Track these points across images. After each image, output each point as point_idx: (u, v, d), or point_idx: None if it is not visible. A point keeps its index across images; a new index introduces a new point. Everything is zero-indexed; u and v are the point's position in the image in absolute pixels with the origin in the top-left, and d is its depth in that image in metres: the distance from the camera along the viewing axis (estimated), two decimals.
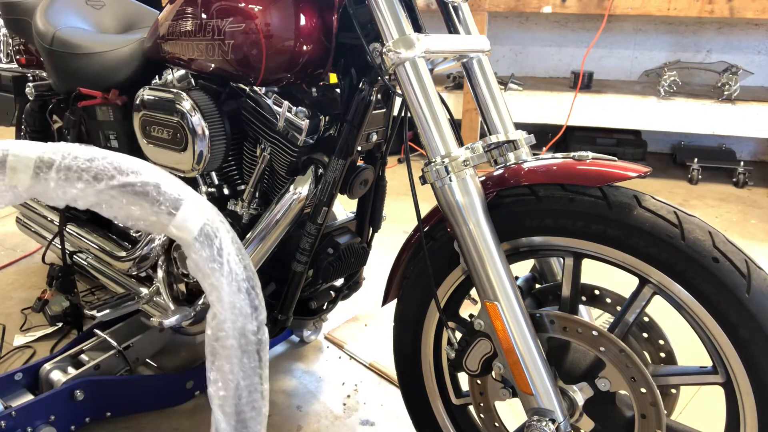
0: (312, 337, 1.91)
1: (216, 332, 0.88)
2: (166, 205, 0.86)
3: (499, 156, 1.15)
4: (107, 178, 0.84)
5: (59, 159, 0.83)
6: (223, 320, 0.87)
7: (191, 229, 0.87)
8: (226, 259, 0.87)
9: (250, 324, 0.89)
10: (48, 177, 0.83)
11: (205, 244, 0.87)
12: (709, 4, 3.23)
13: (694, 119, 3.46)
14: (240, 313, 0.88)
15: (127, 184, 0.85)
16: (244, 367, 0.89)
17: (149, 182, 0.86)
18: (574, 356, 1.05)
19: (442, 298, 1.17)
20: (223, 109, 1.34)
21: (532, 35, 4.32)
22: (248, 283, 0.89)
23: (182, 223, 0.87)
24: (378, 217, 1.51)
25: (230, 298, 0.87)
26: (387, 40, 1.05)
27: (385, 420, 1.56)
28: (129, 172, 0.85)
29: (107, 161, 0.85)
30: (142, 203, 0.85)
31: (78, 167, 0.83)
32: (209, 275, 0.87)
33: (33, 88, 1.86)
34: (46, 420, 1.39)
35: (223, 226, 0.90)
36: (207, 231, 0.87)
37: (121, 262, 1.65)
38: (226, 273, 0.87)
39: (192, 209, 0.88)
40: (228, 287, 0.87)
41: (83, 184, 0.83)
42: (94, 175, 0.83)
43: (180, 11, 1.31)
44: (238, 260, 0.89)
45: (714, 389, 0.97)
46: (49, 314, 1.90)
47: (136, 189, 0.85)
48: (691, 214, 0.94)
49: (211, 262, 0.87)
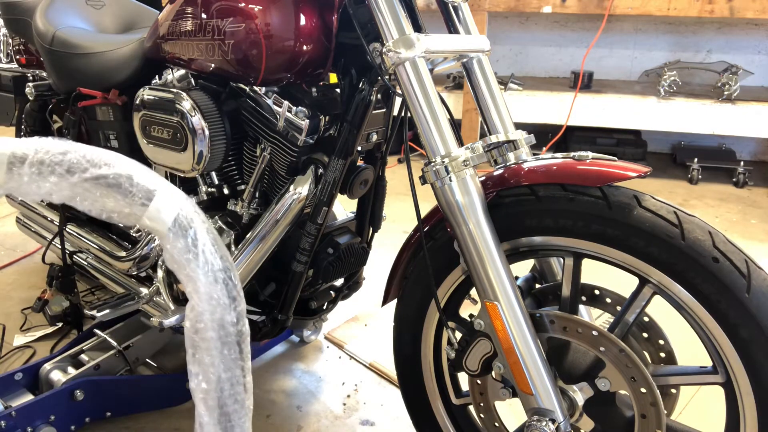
0: (312, 337, 1.91)
1: (195, 324, 0.87)
2: (139, 197, 0.85)
3: (499, 156, 1.15)
4: (80, 171, 0.83)
5: (32, 153, 0.82)
6: (201, 312, 0.86)
7: (164, 220, 0.86)
8: (201, 249, 0.86)
9: (229, 315, 0.88)
10: (21, 172, 0.82)
11: (179, 234, 0.86)
12: (709, 4, 3.23)
13: (694, 119, 3.46)
14: (218, 304, 0.87)
15: (100, 176, 0.84)
16: (225, 360, 0.87)
17: (121, 174, 0.85)
18: (574, 356, 1.05)
19: (442, 298, 1.17)
20: (223, 109, 1.34)
21: (532, 35, 4.32)
22: (225, 274, 0.88)
23: (155, 214, 0.86)
24: (378, 217, 1.51)
25: (206, 288, 0.86)
26: (387, 40, 1.05)
27: (385, 420, 1.56)
28: (102, 164, 0.84)
29: (80, 154, 0.84)
30: (115, 195, 0.85)
31: (51, 161, 0.82)
32: (185, 266, 0.86)
33: (33, 88, 1.86)
34: (46, 420, 1.39)
35: (197, 216, 0.89)
36: (181, 221, 0.86)
37: (121, 262, 1.65)
38: (202, 263, 0.86)
39: (165, 200, 0.86)
40: (204, 278, 0.86)
41: (56, 177, 0.82)
42: (67, 169, 0.82)
43: (180, 11, 1.31)
44: (213, 250, 0.87)
45: (714, 389, 0.97)
46: (49, 314, 1.90)
47: (109, 181, 0.84)
48: (691, 214, 0.94)
49: (185, 253, 0.86)
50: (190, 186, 1.53)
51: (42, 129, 1.92)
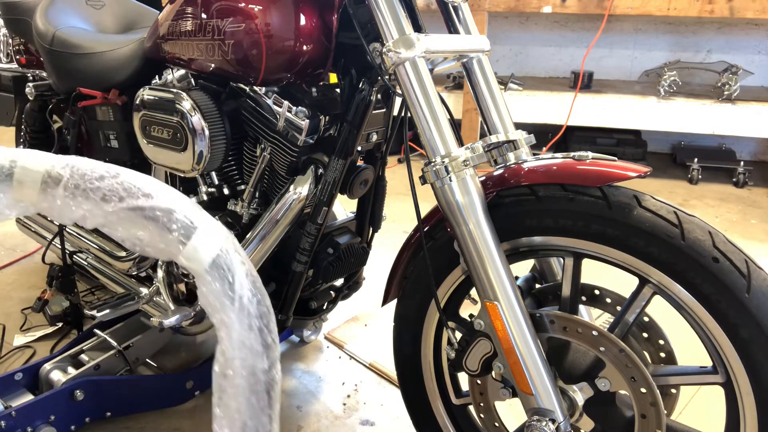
0: (312, 337, 1.91)
1: (224, 369, 0.84)
2: (178, 233, 0.81)
3: (499, 156, 1.15)
4: (116, 200, 0.80)
5: (67, 175, 0.80)
6: (232, 358, 0.83)
7: (202, 260, 0.82)
8: (238, 294, 0.83)
9: (261, 363, 0.85)
10: (55, 194, 0.79)
11: (216, 276, 0.82)
12: (709, 4, 3.23)
13: (694, 119, 3.46)
14: (250, 351, 0.84)
15: (137, 207, 0.80)
16: (252, 407, 0.84)
17: (161, 207, 0.82)
18: (574, 356, 1.05)
19: (442, 298, 1.17)
20: (223, 109, 1.34)
21: (532, 35, 4.32)
22: (261, 321, 0.85)
23: (193, 253, 0.82)
24: (378, 217, 1.51)
25: (240, 336, 0.83)
26: (387, 40, 1.05)
27: (385, 420, 1.56)
28: (140, 195, 0.81)
29: (117, 181, 0.81)
30: (151, 228, 0.81)
31: (86, 186, 0.79)
32: (219, 310, 0.83)
33: (33, 88, 1.86)
34: (46, 420, 1.39)
35: (238, 257, 0.85)
36: (220, 263, 0.83)
37: (121, 262, 1.65)
38: (237, 309, 0.83)
39: (205, 238, 0.83)
40: (239, 325, 0.83)
41: (90, 204, 0.79)
42: (102, 196, 0.79)
43: (180, 11, 1.31)
44: (251, 296, 0.84)
45: (714, 389, 0.97)
46: (49, 314, 1.90)
47: (146, 213, 0.81)
48: (691, 214, 0.94)
49: (221, 296, 0.82)
50: (190, 186, 1.53)
51: (42, 129, 1.92)
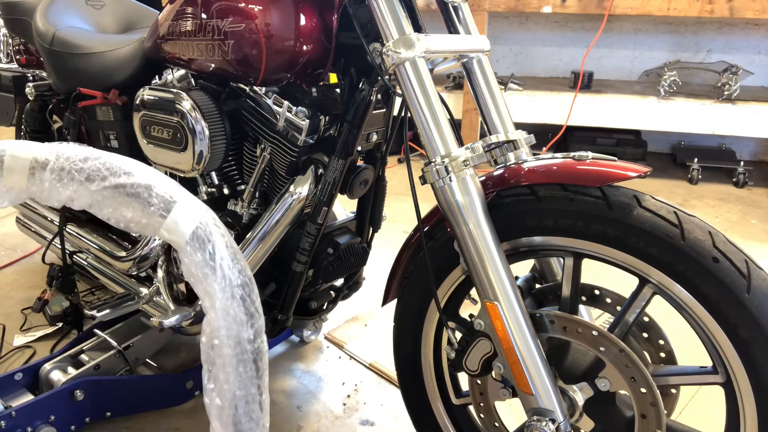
0: (312, 337, 1.91)
1: (210, 340, 0.86)
2: (158, 207, 0.84)
3: (499, 156, 1.15)
4: (99, 179, 0.82)
5: (53, 159, 0.82)
6: (217, 327, 0.85)
7: (183, 233, 0.84)
8: (219, 264, 0.85)
9: (246, 332, 0.86)
10: (43, 177, 0.82)
11: (197, 247, 0.84)
12: (709, 4, 3.23)
13: (694, 119, 3.46)
14: (234, 320, 0.85)
15: (119, 185, 0.83)
16: (240, 377, 0.86)
17: (141, 183, 0.84)
18: (574, 356, 1.05)
19: (442, 298, 1.17)
20: (223, 109, 1.34)
21: (532, 35, 4.32)
22: (243, 290, 0.87)
23: (173, 226, 0.84)
24: (378, 217, 1.51)
25: (223, 304, 0.85)
26: (387, 40, 1.05)
27: (385, 420, 1.56)
28: (121, 173, 0.84)
29: (100, 162, 0.84)
30: (134, 205, 0.84)
31: (71, 168, 0.82)
32: (202, 280, 0.85)
33: (33, 88, 1.86)
34: (46, 420, 1.39)
35: (217, 229, 0.87)
36: (200, 234, 0.85)
37: (121, 262, 1.65)
38: (219, 278, 0.84)
39: (184, 212, 0.85)
40: (221, 293, 0.84)
41: (76, 185, 0.82)
42: (87, 176, 0.82)
43: (180, 11, 1.31)
44: (232, 265, 0.86)
45: (714, 389, 0.97)
46: (49, 314, 1.90)
47: (128, 190, 0.83)
48: (691, 214, 0.94)
49: (203, 267, 0.84)
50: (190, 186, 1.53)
51: (42, 129, 1.92)
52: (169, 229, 0.85)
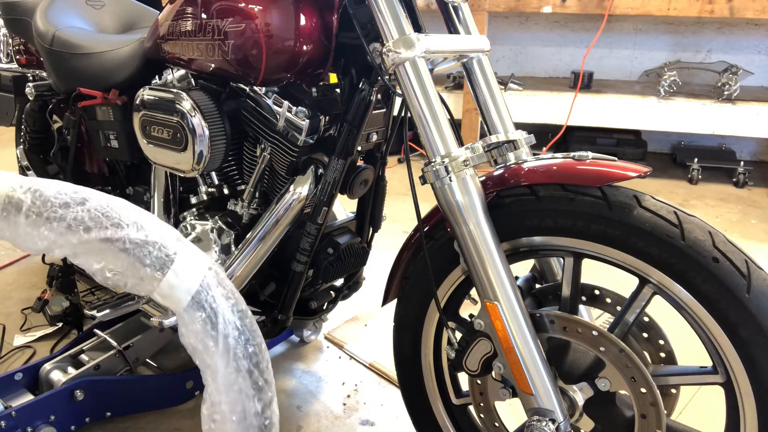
0: (312, 337, 1.91)
1: (211, 414, 0.77)
2: (151, 268, 0.73)
3: (499, 156, 1.15)
4: (82, 231, 0.70)
5: (29, 201, 0.70)
6: (218, 402, 0.76)
7: (179, 299, 0.73)
8: (222, 335, 0.74)
9: (252, 405, 0.77)
10: (18, 221, 0.70)
11: (196, 317, 0.73)
12: (709, 4, 3.23)
13: (694, 119, 3.46)
14: (239, 394, 0.76)
15: (105, 239, 0.71)
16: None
17: (132, 238, 0.72)
18: (574, 356, 1.05)
19: (442, 298, 1.17)
20: (223, 109, 1.34)
21: (532, 35, 4.32)
22: (250, 362, 0.77)
23: (168, 291, 0.73)
24: (378, 217, 1.51)
25: (226, 380, 0.75)
26: (387, 40, 1.05)
27: (385, 420, 1.56)
28: (108, 225, 0.71)
29: (84, 209, 0.71)
30: (123, 261, 0.72)
31: (49, 215, 0.70)
32: (201, 352, 0.75)
33: (33, 88, 1.86)
34: (46, 420, 1.39)
35: (221, 291, 0.76)
36: (200, 300, 0.74)
37: None
38: (222, 351, 0.74)
39: (182, 273, 0.73)
40: (224, 368, 0.75)
41: (54, 234, 0.70)
42: (67, 226, 0.70)
43: (180, 11, 1.31)
44: (237, 335, 0.76)
45: (714, 389, 0.97)
46: (49, 314, 1.90)
47: (116, 245, 0.72)
48: (691, 214, 0.94)
49: (203, 338, 0.74)
50: (190, 186, 1.53)
51: (42, 129, 1.92)
52: (164, 294, 0.74)
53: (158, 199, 1.57)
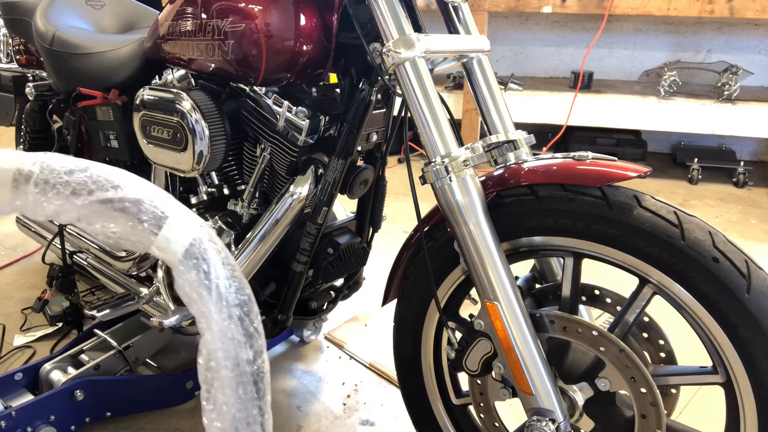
0: (312, 337, 1.91)
1: (207, 362, 0.83)
2: (148, 224, 0.80)
3: (499, 156, 1.15)
4: (86, 193, 0.78)
5: (37, 171, 0.79)
6: (214, 349, 0.82)
7: (175, 251, 0.80)
8: (215, 283, 0.81)
9: (245, 353, 0.83)
10: (27, 191, 0.78)
11: (191, 266, 0.80)
12: (709, 4, 3.23)
13: (694, 119, 3.46)
14: (232, 341, 0.82)
15: (106, 200, 0.79)
16: (240, 399, 0.83)
17: (129, 198, 0.80)
18: (574, 356, 1.05)
19: (442, 298, 1.17)
20: (223, 109, 1.34)
21: (532, 35, 4.32)
22: (241, 310, 0.83)
23: (164, 243, 0.80)
24: (378, 217, 1.51)
25: (220, 326, 0.81)
26: (387, 40, 1.05)
27: (385, 420, 1.56)
28: (109, 187, 0.80)
29: (86, 174, 0.80)
30: (122, 220, 0.80)
31: (56, 181, 0.78)
32: (196, 300, 0.81)
33: (33, 88, 1.86)
34: (46, 420, 1.39)
35: (213, 246, 0.83)
36: (193, 252, 0.81)
37: (121, 262, 1.65)
38: (215, 299, 0.81)
39: (176, 228, 0.81)
40: (217, 314, 0.81)
41: (61, 199, 0.78)
42: (72, 190, 0.78)
43: (180, 11, 1.31)
44: (229, 284, 0.82)
45: (714, 389, 0.97)
46: (49, 314, 1.90)
47: (116, 205, 0.79)
48: (691, 214, 0.94)
49: (198, 287, 0.81)
50: (190, 186, 1.53)
51: (42, 129, 1.92)
52: (161, 247, 0.81)
53: None
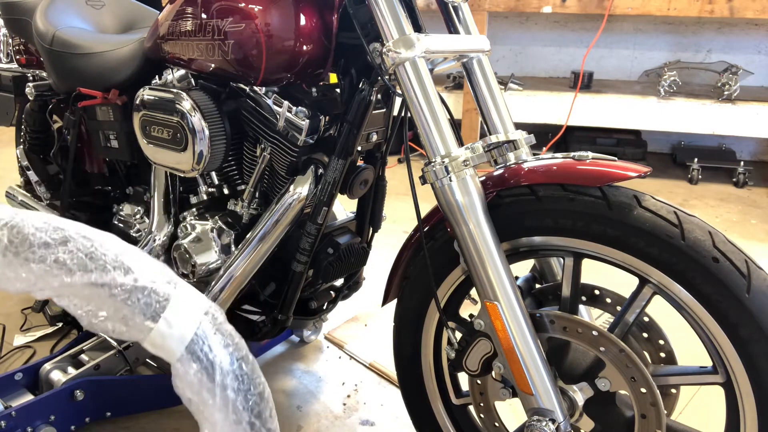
0: (312, 337, 1.91)
1: None
2: (142, 315, 0.67)
3: (499, 156, 1.15)
4: (63, 274, 0.64)
5: (5, 240, 0.64)
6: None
7: (172, 349, 0.67)
8: (220, 387, 0.68)
9: None
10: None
11: (192, 368, 0.68)
12: (709, 4, 3.23)
13: (694, 119, 3.46)
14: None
15: (90, 283, 0.65)
16: None
17: (118, 282, 0.66)
18: (574, 356, 1.05)
19: (442, 298, 1.17)
20: (223, 109, 1.34)
21: (532, 35, 4.32)
22: (251, 413, 0.71)
23: (160, 340, 0.67)
24: (378, 217, 1.51)
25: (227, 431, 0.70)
26: (387, 40, 1.05)
27: (385, 420, 1.56)
28: (92, 268, 0.65)
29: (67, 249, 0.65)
30: (111, 307, 0.66)
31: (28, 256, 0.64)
32: (197, 404, 0.70)
33: (33, 88, 1.86)
34: (46, 420, 1.39)
35: (219, 339, 0.69)
36: (195, 350, 0.68)
37: None
38: (221, 405, 0.69)
39: (175, 321, 0.67)
40: (223, 421, 0.69)
41: (34, 276, 0.64)
42: (47, 268, 0.64)
43: (180, 11, 1.31)
44: (237, 386, 0.70)
45: (714, 389, 0.97)
46: (49, 314, 1.90)
47: (103, 290, 0.65)
48: (691, 214, 0.94)
49: (200, 391, 0.69)
50: (190, 186, 1.53)
51: (42, 129, 1.92)
52: (155, 345, 0.68)
53: (158, 199, 1.57)
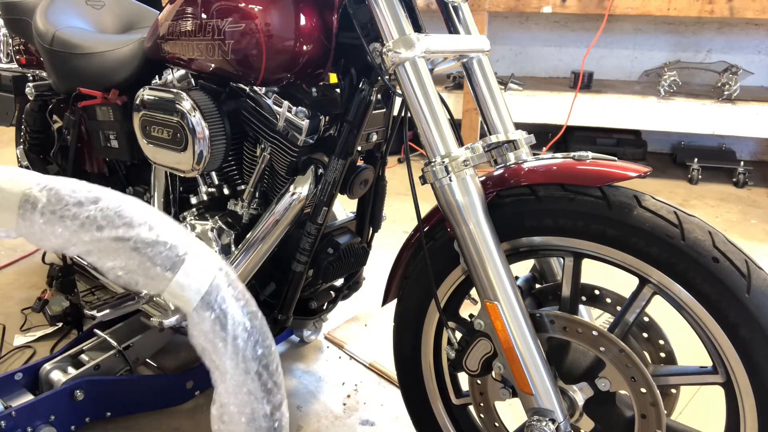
0: (312, 337, 1.91)
1: (220, 414, 0.77)
2: (162, 267, 0.73)
3: (499, 156, 1.15)
4: (95, 229, 0.72)
5: (44, 200, 0.72)
6: (227, 404, 0.76)
7: (189, 299, 0.74)
8: (231, 336, 0.74)
9: (262, 408, 0.77)
10: (33, 219, 0.72)
11: (206, 317, 0.74)
12: (709, 4, 3.23)
13: (694, 119, 3.46)
14: (248, 396, 0.76)
15: (117, 238, 0.72)
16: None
17: (142, 237, 0.73)
18: (574, 356, 1.05)
19: (442, 298, 1.17)
20: (223, 109, 1.34)
21: (532, 35, 4.32)
22: (259, 364, 0.76)
23: (178, 290, 0.74)
24: (378, 217, 1.51)
25: (236, 381, 0.75)
26: (387, 40, 1.05)
27: (385, 420, 1.56)
28: (120, 224, 0.73)
29: (97, 207, 0.74)
30: (134, 260, 0.73)
31: (63, 213, 0.72)
32: (210, 352, 0.75)
33: (33, 88, 1.86)
34: (46, 420, 1.39)
35: (231, 292, 0.76)
36: (209, 301, 0.74)
37: None
38: (231, 353, 0.74)
39: (192, 273, 0.74)
40: (233, 369, 0.75)
41: (68, 232, 0.72)
42: (80, 224, 0.72)
43: (180, 11, 1.31)
44: (247, 336, 0.75)
45: (714, 389, 0.97)
46: (49, 314, 1.90)
47: (127, 244, 0.73)
48: (691, 214, 0.94)
49: (213, 339, 0.74)
50: (190, 186, 1.53)
51: (42, 129, 1.92)
52: (174, 294, 0.74)
53: (158, 199, 1.57)
